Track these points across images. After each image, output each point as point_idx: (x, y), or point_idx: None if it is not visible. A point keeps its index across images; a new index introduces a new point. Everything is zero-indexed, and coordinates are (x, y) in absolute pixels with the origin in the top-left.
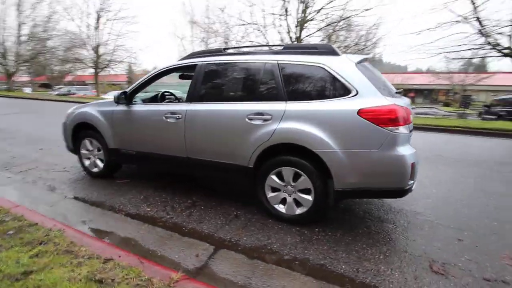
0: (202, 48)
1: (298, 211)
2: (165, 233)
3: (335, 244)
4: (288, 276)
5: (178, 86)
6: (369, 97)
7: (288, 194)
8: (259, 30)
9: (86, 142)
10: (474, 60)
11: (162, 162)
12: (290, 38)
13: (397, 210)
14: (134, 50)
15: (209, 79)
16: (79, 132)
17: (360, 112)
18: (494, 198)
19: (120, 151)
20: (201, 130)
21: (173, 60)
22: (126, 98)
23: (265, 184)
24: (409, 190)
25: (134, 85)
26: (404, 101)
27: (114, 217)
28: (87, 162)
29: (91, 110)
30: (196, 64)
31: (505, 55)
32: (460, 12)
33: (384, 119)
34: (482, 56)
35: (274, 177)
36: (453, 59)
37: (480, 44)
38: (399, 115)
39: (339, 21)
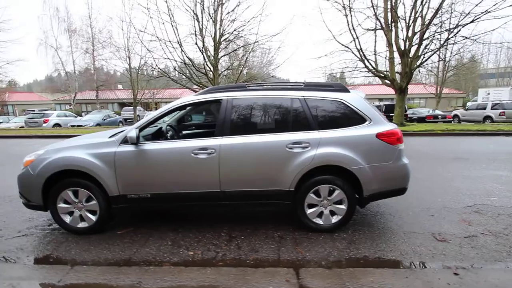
0: (87, 60)
1: (334, 220)
2: (235, 270)
3: (372, 239)
4: (368, 273)
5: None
6: (379, 124)
7: (324, 208)
8: (173, 47)
9: (68, 193)
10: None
11: (188, 200)
12: (208, 57)
13: (383, 202)
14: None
15: (239, 113)
16: (56, 182)
17: (378, 136)
18: (429, 183)
19: (127, 197)
20: (239, 162)
21: (42, 73)
22: (137, 137)
23: (304, 202)
24: (407, 188)
25: (143, 121)
26: (396, 125)
27: (165, 270)
28: (68, 218)
29: (79, 154)
30: (221, 99)
31: (376, 75)
32: (345, 42)
33: (393, 139)
34: (362, 76)
35: (312, 195)
36: (340, 78)
37: (358, 67)
38: (400, 135)
39: (252, 44)
